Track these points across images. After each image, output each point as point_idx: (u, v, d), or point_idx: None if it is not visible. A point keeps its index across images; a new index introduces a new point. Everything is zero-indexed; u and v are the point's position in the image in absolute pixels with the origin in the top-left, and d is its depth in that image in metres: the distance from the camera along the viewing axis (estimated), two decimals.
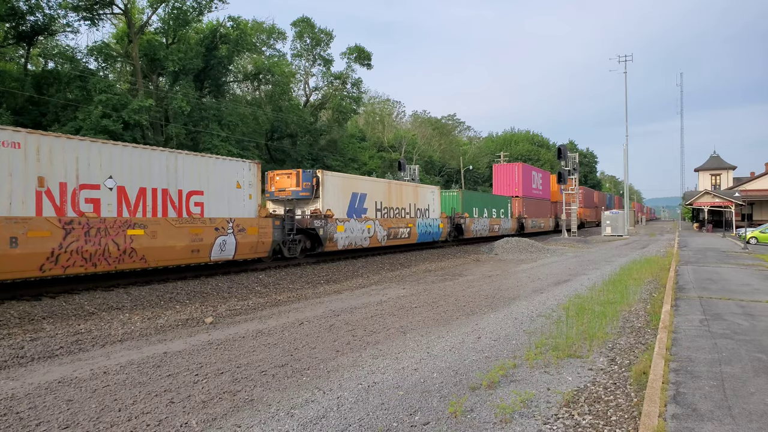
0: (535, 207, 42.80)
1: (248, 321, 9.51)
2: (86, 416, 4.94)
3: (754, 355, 6.40)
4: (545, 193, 46.00)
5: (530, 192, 41.76)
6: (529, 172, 42.34)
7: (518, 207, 39.06)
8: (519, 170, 40.63)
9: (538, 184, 44.51)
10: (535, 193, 42.97)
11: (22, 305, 9.68)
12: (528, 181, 41.57)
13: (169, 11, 37.84)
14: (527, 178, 41.62)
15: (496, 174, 42.02)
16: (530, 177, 42.51)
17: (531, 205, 41.60)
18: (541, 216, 44.20)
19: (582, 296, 11.28)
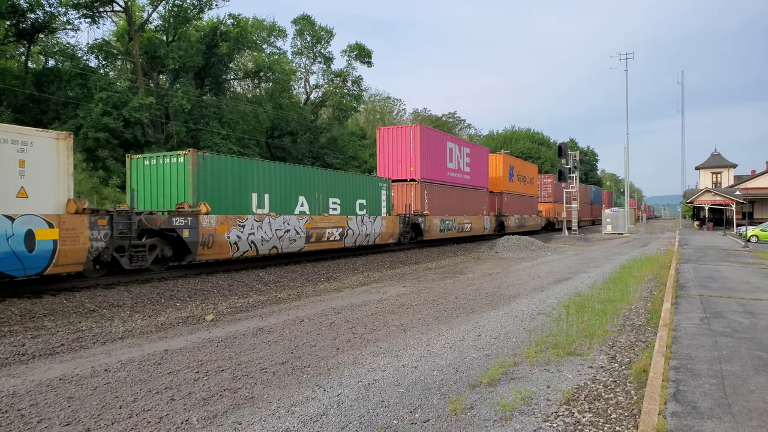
0: (455, 199, 28.32)
1: (249, 318, 9.52)
2: (87, 413, 4.95)
3: (755, 353, 6.41)
4: (476, 178, 31.50)
5: (442, 175, 27.24)
6: (439, 143, 27.14)
7: (414, 197, 24.63)
8: (416, 136, 24.78)
9: (462, 163, 29.55)
10: (453, 178, 28.31)
11: (23, 303, 9.70)
12: (436, 157, 26.56)
13: (170, 9, 37.80)
14: (434, 151, 26.40)
15: (381, 144, 25.82)
16: (442, 151, 27.31)
17: (443, 195, 27.03)
18: (468, 212, 29.98)
19: (582, 294, 11.28)
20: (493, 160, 35.74)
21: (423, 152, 25.17)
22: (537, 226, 42.42)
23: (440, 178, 27.10)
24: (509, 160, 37.70)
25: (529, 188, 40.91)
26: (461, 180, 29.55)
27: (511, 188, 36.87)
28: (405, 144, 25.49)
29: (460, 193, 29.35)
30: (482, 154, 33.40)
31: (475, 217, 30.91)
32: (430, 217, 25.33)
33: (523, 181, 39.61)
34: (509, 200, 36.40)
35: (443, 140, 28.03)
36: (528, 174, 41.30)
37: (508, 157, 38.39)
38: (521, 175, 39.27)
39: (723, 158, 67.34)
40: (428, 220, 25.04)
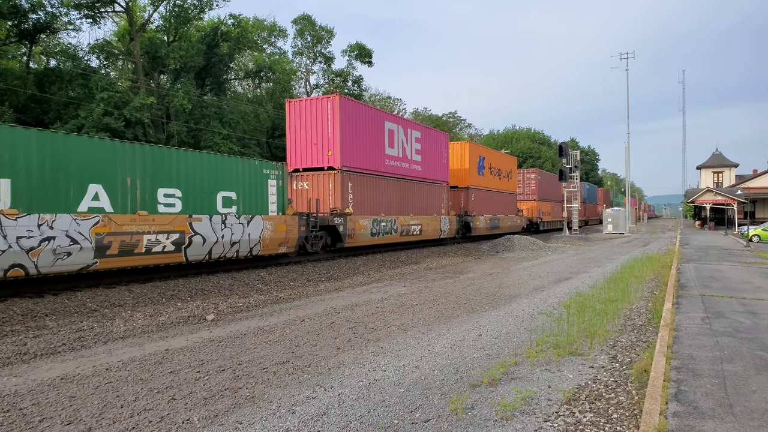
0: (395, 194, 22.67)
1: (249, 318, 9.53)
2: (89, 412, 4.96)
3: (756, 353, 6.40)
4: (430, 169, 25.64)
5: (376, 163, 21.32)
6: (372, 121, 21.18)
7: (333, 191, 19.16)
8: (335, 111, 19.10)
9: (408, 150, 23.72)
10: (393, 168, 22.52)
11: (24, 302, 9.71)
12: (367, 141, 20.68)
13: (171, 9, 37.83)
14: (364, 132, 20.61)
15: (292, 122, 20.12)
16: (377, 133, 21.34)
17: (376, 189, 21.25)
18: (417, 211, 24.26)
19: (583, 294, 11.27)
20: (457, 150, 29.91)
21: (345, 132, 18.95)
22: (515, 228, 37.46)
23: (373, 167, 20.85)
24: (478, 150, 31.90)
25: (506, 184, 36.19)
26: (407, 171, 23.53)
27: (480, 183, 31.28)
28: (321, 122, 19.10)
29: (404, 187, 23.30)
30: (439, 140, 26.71)
31: (428, 218, 24.93)
32: (355, 218, 19.25)
33: (497, 176, 34.30)
34: (478, 197, 30.85)
35: (379, 119, 21.54)
36: (504, 167, 36.21)
37: (477, 146, 32.67)
38: (495, 169, 33.93)
39: (724, 158, 67.27)
40: (352, 221, 19.00)
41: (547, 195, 45.21)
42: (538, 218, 42.64)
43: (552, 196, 46.48)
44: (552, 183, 47.07)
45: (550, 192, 45.96)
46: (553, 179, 48.09)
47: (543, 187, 43.98)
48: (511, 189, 37.46)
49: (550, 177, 47.72)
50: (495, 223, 33.18)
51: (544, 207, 43.86)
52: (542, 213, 43.17)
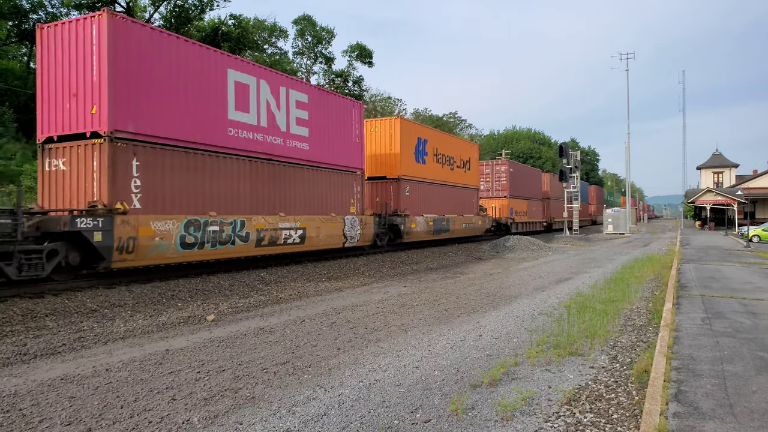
0: (249, 184, 14.84)
1: (250, 318, 9.53)
2: (89, 413, 4.96)
3: (757, 354, 6.39)
4: (330, 149, 18.22)
5: (210, 132, 13.53)
6: (203, 64, 13.38)
7: (100, 176, 11.19)
8: (101, 35, 11.14)
9: (284, 119, 16.10)
10: (243, 141, 14.51)
11: (24, 302, 9.71)
12: (184, 93, 12.85)
13: (171, 9, 37.86)
14: (176, 78, 12.67)
15: (42, 59, 12.15)
16: (211, 83, 13.54)
17: (201, 174, 13.26)
18: (301, 209, 16.84)
19: (583, 294, 11.27)
20: (383, 128, 22.33)
21: (124, 74, 11.47)
22: (475, 230, 30.20)
23: (198, 137, 13.16)
24: (415, 129, 24.06)
25: (461, 176, 28.81)
26: (277, 149, 15.67)
27: (420, 173, 24.00)
28: (84, 58, 11.51)
29: (271, 173, 15.46)
30: (343, 110, 18.65)
31: (319, 219, 17.19)
32: (137, 219, 11.47)
33: (447, 165, 27.14)
34: (417, 191, 23.62)
35: (214, 64, 13.70)
36: (459, 154, 28.72)
37: (414, 124, 24.80)
38: (444, 156, 26.83)
39: (724, 158, 67.26)
40: (124, 226, 11.17)
41: (523, 192, 39.13)
42: (508, 219, 35.68)
43: (529, 193, 40.66)
44: (530, 178, 41.37)
45: (527, 188, 40.13)
46: (531, 174, 42.33)
47: (517, 182, 37.91)
48: (470, 182, 30.04)
49: (527, 171, 41.93)
50: (442, 225, 25.68)
51: (519, 205, 37.70)
52: (516, 213, 37.06)
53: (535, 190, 42.56)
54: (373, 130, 22.73)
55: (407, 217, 22.55)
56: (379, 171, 22.64)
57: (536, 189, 43.16)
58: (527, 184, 40.65)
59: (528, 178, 41.27)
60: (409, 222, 22.55)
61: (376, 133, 22.75)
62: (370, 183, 22.28)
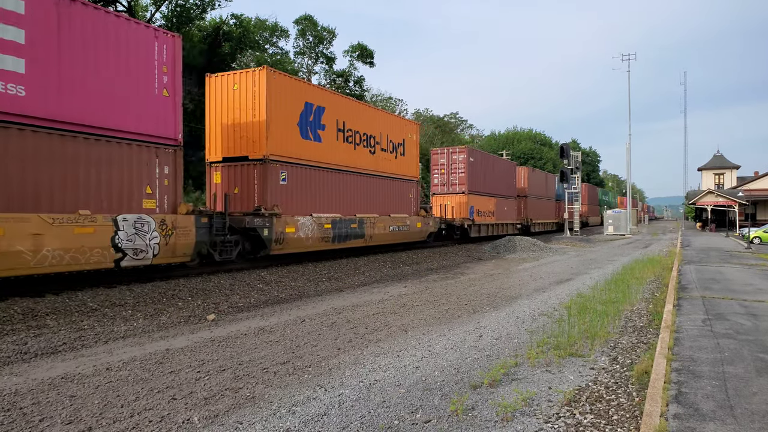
0: None
1: (250, 318, 9.53)
2: (89, 412, 4.96)
3: (757, 355, 6.39)
4: (84, 100, 10.49)
5: None
6: None
7: None
8: None
9: None
10: None
11: (25, 301, 9.72)
12: None
13: (172, 8, 37.90)
14: None
15: None
16: None
17: None
18: (46, 205, 9.73)
19: (584, 295, 11.27)
20: (243, 84, 15.59)
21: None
22: (409, 236, 23.23)
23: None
24: (303, 91, 16.89)
25: (389, 162, 21.93)
26: None
27: (310, 154, 17.06)
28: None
29: None
30: (121, 36, 11.37)
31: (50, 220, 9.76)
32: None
33: (365, 145, 20.23)
34: (302, 180, 16.78)
35: None
36: (385, 133, 21.66)
37: (299, 82, 17.12)
38: (360, 134, 19.82)
39: (726, 159, 67.22)
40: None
41: (489, 187, 32.45)
42: (465, 220, 29.13)
43: (499, 190, 34.10)
44: (500, 171, 34.77)
45: (494, 183, 33.26)
46: (501, 167, 35.28)
47: (480, 176, 31.11)
48: (405, 172, 23.25)
49: (495, 163, 34.75)
50: (350, 229, 18.76)
51: (482, 204, 31.17)
52: (478, 212, 30.57)
53: (505, 185, 35.37)
54: (231, 87, 15.75)
55: (277, 218, 15.18)
56: (239, 149, 15.68)
57: (507, 184, 35.94)
58: (496, 179, 33.70)
59: (496, 171, 34.04)
60: (280, 225, 15.32)
61: (233, 93, 15.73)
62: (226, 167, 15.95)
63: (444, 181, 30.27)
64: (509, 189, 36.65)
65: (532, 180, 42.19)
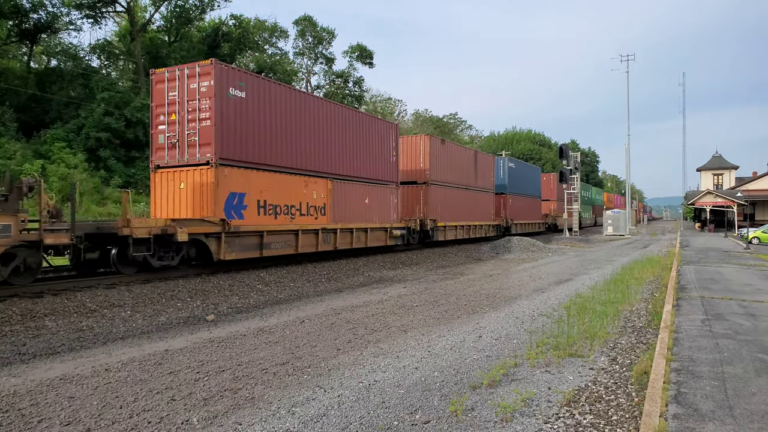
0: None
1: (249, 319, 9.52)
2: (88, 413, 4.95)
3: (756, 356, 6.39)
4: None
5: None
6: None
7: None
8: None
9: None
10: None
11: (24, 302, 9.70)
12: None
13: (172, 9, 37.90)
14: None
15: None
16: None
17: None
18: None
19: (583, 295, 11.27)
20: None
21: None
22: None
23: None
24: None
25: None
26: None
27: None
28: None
29: None
30: None
31: None
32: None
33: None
34: None
35: None
36: None
37: None
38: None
39: (724, 160, 67.29)
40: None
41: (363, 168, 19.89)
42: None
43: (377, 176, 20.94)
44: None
45: None
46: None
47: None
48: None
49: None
50: None
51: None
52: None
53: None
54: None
55: None
56: None
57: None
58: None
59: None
60: None
61: None
62: None
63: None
64: (458, 175, 26.74)
65: (481, 163, 29.69)
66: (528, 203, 38.43)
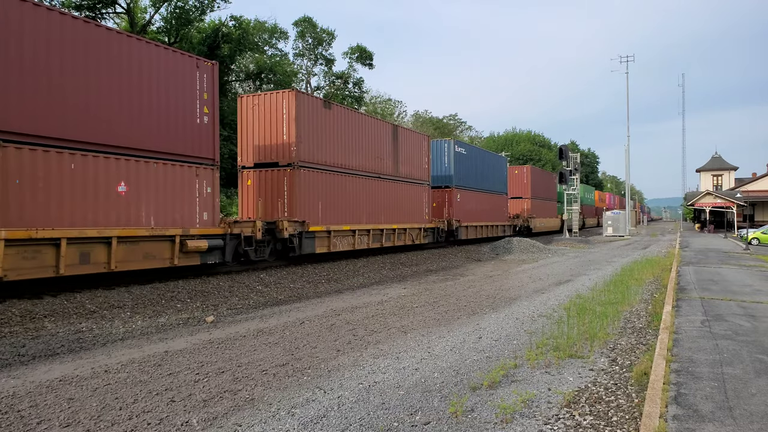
0: None
1: (249, 320, 9.51)
2: (87, 414, 4.95)
3: (756, 356, 6.39)
4: None
5: None
6: None
7: None
8: None
9: None
10: None
11: (23, 303, 9.70)
12: None
13: (172, 10, 37.90)
14: None
15: None
16: None
17: None
18: None
19: (583, 296, 11.26)
20: None
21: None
22: None
23: None
24: None
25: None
26: None
27: None
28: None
29: None
30: None
31: None
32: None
33: None
34: None
35: None
36: None
37: None
38: None
39: (724, 161, 67.32)
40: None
41: None
42: None
43: None
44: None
45: None
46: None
47: None
48: None
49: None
50: None
51: None
52: None
53: None
54: None
55: None
56: None
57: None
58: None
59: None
60: None
61: None
62: None
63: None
64: None
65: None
66: (487, 201, 32.01)
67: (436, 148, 27.67)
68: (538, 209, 41.91)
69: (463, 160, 28.55)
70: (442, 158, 27.67)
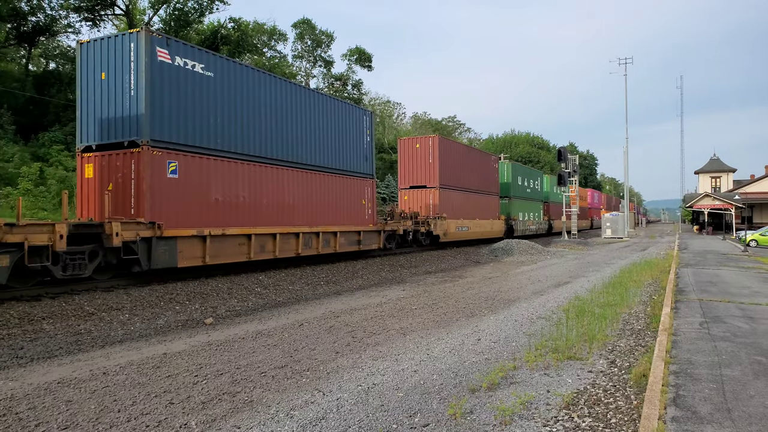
0: None
1: (248, 322, 9.50)
2: (85, 417, 4.94)
3: (754, 358, 6.40)
4: None
5: None
6: None
7: None
8: None
9: None
10: None
11: (21, 305, 9.68)
12: None
13: (171, 12, 37.93)
14: None
15: None
16: None
17: None
18: None
19: (582, 298, 11.27)
20: None
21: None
22: None
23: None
24: None
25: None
26: None
27: None
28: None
29: None
30: None
31: None
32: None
33: None
34: None
35: None
36: None
37: None
38: None
39: (722, 163, 67.47)
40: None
41: None
42: None
43: None
44: None
45: None
46: None
47: None
48: None
49: None
50: None
51: None
52: None
53: None
54: None
55: None
56: None
57: None
58: None
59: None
60: None
61: None
62: None
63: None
64: None
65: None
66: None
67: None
68: (460, 206, 28.71)
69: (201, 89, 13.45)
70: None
